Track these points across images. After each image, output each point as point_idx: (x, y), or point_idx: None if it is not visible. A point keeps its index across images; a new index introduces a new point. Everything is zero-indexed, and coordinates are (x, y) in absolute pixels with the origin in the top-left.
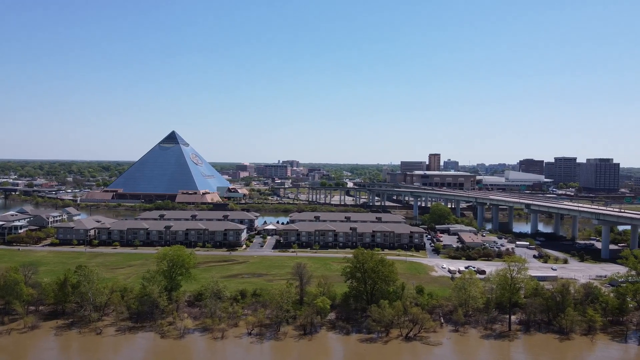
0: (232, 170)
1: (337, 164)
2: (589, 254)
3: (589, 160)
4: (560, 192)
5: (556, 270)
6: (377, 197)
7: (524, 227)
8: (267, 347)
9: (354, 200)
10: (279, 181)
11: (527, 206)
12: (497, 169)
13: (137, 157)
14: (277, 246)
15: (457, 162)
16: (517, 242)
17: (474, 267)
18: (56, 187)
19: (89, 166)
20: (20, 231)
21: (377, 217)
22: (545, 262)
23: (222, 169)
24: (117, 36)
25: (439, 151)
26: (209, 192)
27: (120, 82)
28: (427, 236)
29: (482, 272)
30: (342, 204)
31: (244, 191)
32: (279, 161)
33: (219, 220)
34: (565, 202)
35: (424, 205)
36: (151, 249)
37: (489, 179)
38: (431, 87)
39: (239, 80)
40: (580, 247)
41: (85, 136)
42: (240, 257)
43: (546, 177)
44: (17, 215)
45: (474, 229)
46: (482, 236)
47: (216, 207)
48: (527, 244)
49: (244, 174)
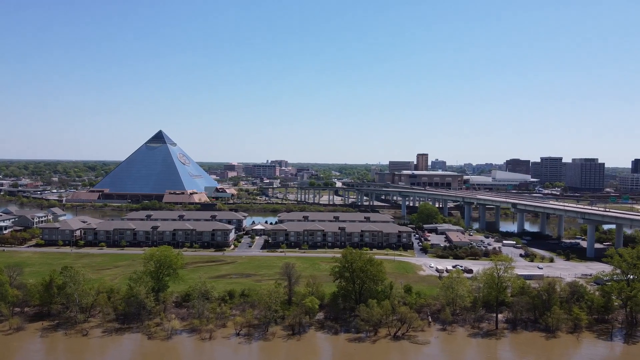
0: (220, 170)
1: (326, 163)
2: (574, 253)
3: (574, 160)
4: (546, 191)
5: (542, 269)
6: (365, 197)
7: (511, 227)
8: (255, 347)
9: (342, 200)
10: (268, 181)
11: (514, 205)
12: (484, 169)
13: (123, 157)
14: (266, 246)
15: (444, 162)
16: (504, 241)
17: (461, 266)
18: (41, 187)
19: (74, 166)
20: (4, 232)
21: (365, 217)
22: (531, 261)
23: (209, 168)
24: (103, 36)
25: (427, 151)
26: (197, 192)
27: (106, 81)
28: (415, 235)
29: (470, 271)
30: (331, 203)
31: (232, 191)
32: (268, 161)
33: (207, 220)
34: (551, 202)
35: (412, 204)
36: (138, 249)
37: (476, 179)
38: (419, 87)
39: (227, 80)
40: (566, 246)
41: (71, 136)
42: (228, 257)
43: (532, 177)
44: (1, 215)
45: (462, 229)
46: (470, 235)
47: (204, 207)
48: (514, 243)
49: (232, 174)
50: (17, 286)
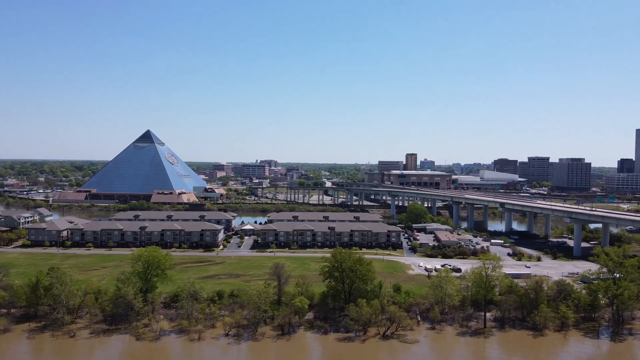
0: (208, 170)
1: (316, 163)
2: (561, 252)
3: (561, 160)
4: (533, 191)
5: (530, 267)
6: (355, 197)
7: (499, 226)
8: (244, 348)
9: (332, 199)
10: (257, 181)
11: (502, 205)
12: (472, 169)
13: (111, 157)
14: (255, 246)
15: (433, 162)
16: (492, 241)
17: (450, 265)
18: (27, 187)
19: (61, 166)
20: None
21: (355, 217)
22: (519, 260)
23: (198, 168)
24: (90, 35)
25: (415, 151)
26: (185, 192)
27: (93, 80)
28: (404, 235)
29: (458, 270)
30: (321, 203)
31: (221, 191)
32: (257, 161)
33: (196, 220)
34: (538, 201)
35: (401, 204)
36: (126, 250)
37: (464, 179)
38: (408, 87)
39: (216, 79)
40: (553, 245)
41: (57, 135)
42: (217, 257)
43: (520, 177)
44: None
45: (450, 228)
46: (458, 235)
47: (192, 207)
48: (502, 242)
49: (221, 174)
50: (3, 287)
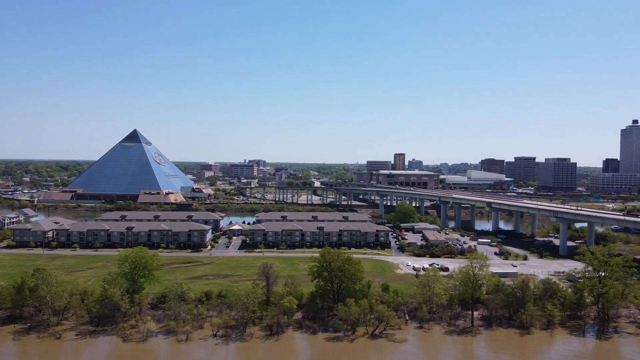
0: (196, 169)
1: (304, 163)
2: (547, 251)
3: (547, 159)
4: (520, 190)
5: (516, 266)
6: (344, 197)
7: (486, 225)
8: (232, 348)
9: (321, 199)
10: (245, 181)
11: (489, 204)
12: (460, 169)
13: (97, 157)
14: (243, 247)
15: (421, 162)
16: (479, 240)
17: (437, 265)
18: (12, 188)
19: (46, 166)
20: None
21: (344, 216)
22: (506, 259)
23: (186, 168)
24: (76, 34)
25: (404, 151)
26: (173, 192)
27: (79, 79)
28: (392, 234)
29: (446, 269)
30: (310, 203)
31: (208, 191)
32: (245, 160)
33: (183, 220)
34: (524, 201)
35: (389, 204)
36: (112, 250)
37: (452, 178)
38: (397, 87)
39: (204, 79)
40: (539, 244)
41: (43, 135)
42: (205, 258)
43: (507, 176)
44: None
45: (438, 227)
46: (446, 234)
47: (180, 207)
48: (489, 241)
49: (208, 174)
50: None
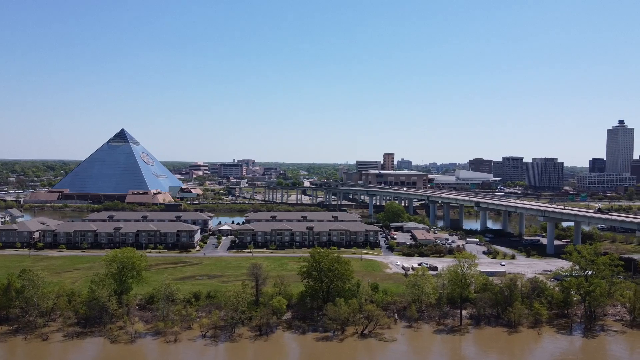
0: (185, 169)
1: (294, 163)
2: (535, 250)
3: (534, 159)
4: (507, 190)
5: (504, 265)
6: (333, 196)
7: (474, 224)
8: (221, 349)
9: (310, 199)
10: (234, 181)
11: (477, 204)
12: (448, 168)
13: (84, 156)
14: (232, 247)
15: (410, 162)
16: (468, 239)
17: (426, 264)
18: None
19: (33, 165)
20: None
21: (333, 216)
22: (494, 258)
23: (174, 168)
24: (62, 33)
25: (393, 151)
26: (161, 192)
27: (66, 79)
28: (381, 234)
29: (435, 268)
30: (299, 203)
31: (197, 191)
32: (234, 160)
33: (171, 221)
34: (512, 200)
35: (379, 203)
36: (100, 251)
37: (440, 178)
38: (385, 87)
39: (193, 78)
40: (526, 243)
41: (29, 134)
42: (193, 258)
43: (495, 176)
44: None
45: (427, 227)
46: (434, 233)
47: (168, 207)
48: (477, 240)
49: (197, 174)
50: None
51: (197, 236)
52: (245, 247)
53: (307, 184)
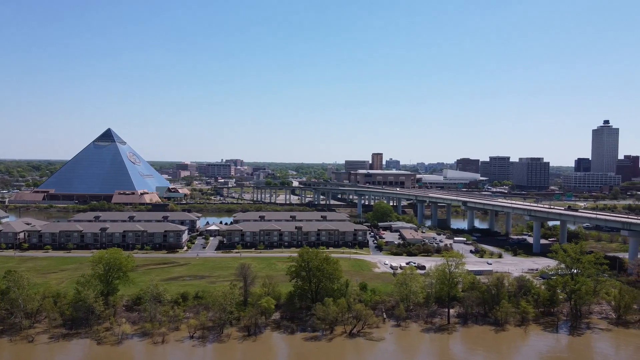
0: (172, 169)
1: (283, 163)
2: (521, 249)
3: (521, 159)
4: (494, 189)
5: (491, 264)
6: (322, 196)
7: (461, 224)
8: (209, 350)
9: (299, 199)
10: (222, 180)
11: (464, 203)
12: (436, 168)
13: (70, 156)
14: (220, 247)
15: (398, 162)
16: (455, 238)
17: (414, 263)
18: None
19: (17, 165)
20: None
21: (322, 216)
22: (481, 256)
23: (161, 168)
24: (50, 33)
25: (381, 150)
26: (148, 192)
27: (52, 78)
28: (370, 233)
29: (423, 267)
30: (288, 203)
31: (185, 191)
32: (223, 160)
33: (159, 221)
34: (499, 200)
35: (367, 203)
36: (86, 252)
37: (428, 178)
38: (373, 87)
39: (181, 78)
40: (513, 242)
41: (13, 134)
42: (181, 259)
43: (482, 176)
44: None
45: (415, 226)
46: (422, 233)
47: (155, 207)
48: (464, 239)
49: (185, 174)
50: None
51: (185, 237)
52: (233, 247)
53: (295, 183)
